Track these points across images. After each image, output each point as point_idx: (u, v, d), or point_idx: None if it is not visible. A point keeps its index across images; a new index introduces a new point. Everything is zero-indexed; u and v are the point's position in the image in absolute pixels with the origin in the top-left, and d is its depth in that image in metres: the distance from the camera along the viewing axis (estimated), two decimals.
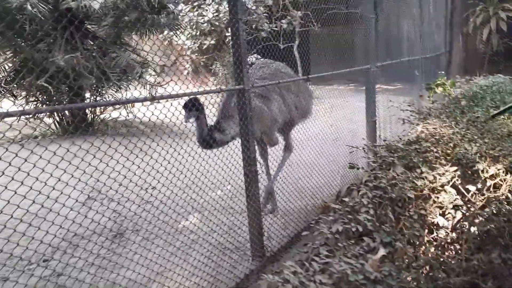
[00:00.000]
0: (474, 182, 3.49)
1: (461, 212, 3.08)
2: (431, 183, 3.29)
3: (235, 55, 3.00)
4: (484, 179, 3.47)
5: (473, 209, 3.12)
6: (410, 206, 2.99)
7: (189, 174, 4.31)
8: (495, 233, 2.68)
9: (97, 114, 9.65)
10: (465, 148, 3.88)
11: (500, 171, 3.51)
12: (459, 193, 3.35)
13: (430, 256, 2.59)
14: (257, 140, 4.31)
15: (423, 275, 2.33)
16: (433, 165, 3.59)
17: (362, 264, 2.02)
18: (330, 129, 8.12)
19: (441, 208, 3.16)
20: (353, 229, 2.27)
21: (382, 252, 2.23)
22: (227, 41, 13.83)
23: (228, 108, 3.93)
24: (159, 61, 10.20)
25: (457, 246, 2.81)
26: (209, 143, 3.89)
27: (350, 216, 2.40)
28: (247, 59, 3.08)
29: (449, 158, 3.81)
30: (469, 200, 3.34)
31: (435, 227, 3.04)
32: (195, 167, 4.06)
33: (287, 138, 4.83)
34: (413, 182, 3.22)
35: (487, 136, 4.35)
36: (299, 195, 4.68)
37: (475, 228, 2.82)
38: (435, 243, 2.85)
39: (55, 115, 9.36)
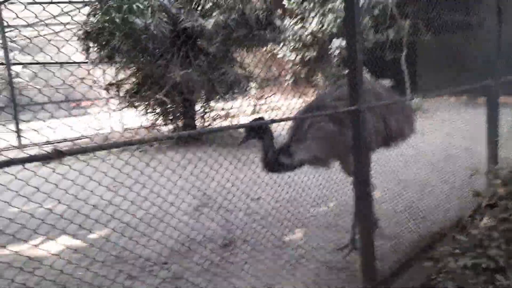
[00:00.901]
0: None
1: None
2: None
3: (350, 74, 2.93)
4: None
5: None
6: None
7: (296, 187, 4.41)
8: None
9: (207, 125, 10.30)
10: None
11: None
12: None
13: None
14: (328, 166, 3.89)
15: None
16: None
17: None
18: (441, 145, 7.63)
19: None
20: (483, 265, 2.11)
21: None
22: (330, 52, 13.80)
23: (300, 132, 3.65)
24: (260, 72, 10.60)
25: None
26: (273, 166, 3.60)
27: (479, 250, 2.23)
28: (363, 78, 3.01)
29: None
30: None
31: None
32: (302, 181, 4.13)
33: None
34: None
35: None
36: (410, 216, 4.46)
37: None
38: None
39: (171, 125, 10.22)
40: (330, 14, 13.45)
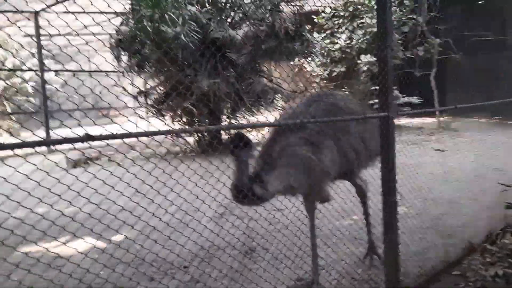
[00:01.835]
0: None
1: None
2: None
3: (381, 83, 3.01)
4: None
5: None
6: None
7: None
8: None
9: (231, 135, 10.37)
10: None
11: None
12: None
13: None
14: (304, 195, 3.57)
15: None
16: None
17: None
18: (470, 165, 7.42)
19: None
20: None
21: None
22: (357, 68, 13.73)
23: (270, 157, 3.16)
24: (288, 86, 10.62)
25: None
26: (245, 199, 2.98)
27: (510, 260, 2.14)
28: (393, 87, 3.08)
29: None
30: None
31: None
32: None
33: (354, 182, 3.94)
34: None
35: None
36: (436, 233, 4.34)
37: None
38: None
39: (196, 134, 10.32)
40: (359, 29, 13.44)
